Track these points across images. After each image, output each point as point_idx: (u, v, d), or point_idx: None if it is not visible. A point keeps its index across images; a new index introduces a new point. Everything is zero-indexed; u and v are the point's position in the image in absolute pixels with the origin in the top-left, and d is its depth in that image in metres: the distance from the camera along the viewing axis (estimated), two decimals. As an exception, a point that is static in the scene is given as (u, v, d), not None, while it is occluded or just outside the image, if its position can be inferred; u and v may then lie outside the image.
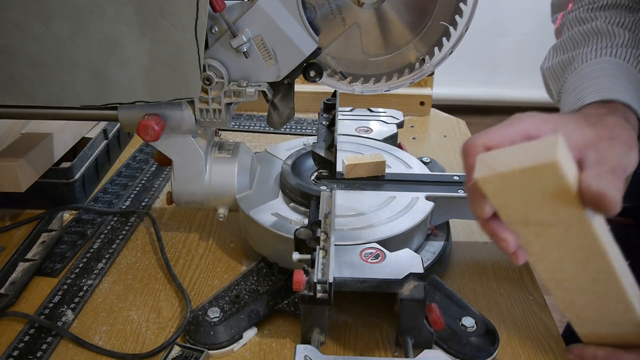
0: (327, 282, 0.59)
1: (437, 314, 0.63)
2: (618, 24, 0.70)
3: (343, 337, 0.70)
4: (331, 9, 0.70)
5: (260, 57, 0.71)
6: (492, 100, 3.31)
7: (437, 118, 1.30)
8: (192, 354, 0.66)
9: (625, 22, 0.70)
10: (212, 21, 0.68)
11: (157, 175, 1.05)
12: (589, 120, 0.52)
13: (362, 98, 0.93)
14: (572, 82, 0.66)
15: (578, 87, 0.63)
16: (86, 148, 0.97)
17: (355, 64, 0.75)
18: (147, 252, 0.85)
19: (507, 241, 0.50)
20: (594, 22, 0.71)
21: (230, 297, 0.72)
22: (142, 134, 0.71)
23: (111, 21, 0.65)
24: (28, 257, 0.82)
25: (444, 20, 0.71)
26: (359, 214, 0.75)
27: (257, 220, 0.75)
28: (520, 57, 3.23)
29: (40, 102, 0.71)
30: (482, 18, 1.23)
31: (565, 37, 0.74)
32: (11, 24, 0.66)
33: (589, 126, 0.51)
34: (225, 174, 0.79)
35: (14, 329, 0.71)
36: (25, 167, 0.83)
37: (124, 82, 0.69)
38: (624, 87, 0.60)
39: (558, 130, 0.49)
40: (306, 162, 0.86)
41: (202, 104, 0.73)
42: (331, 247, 0.64)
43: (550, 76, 0.74)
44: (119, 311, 0.74)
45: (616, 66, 0.65)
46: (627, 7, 0.72)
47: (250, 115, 1.28)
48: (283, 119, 0.77)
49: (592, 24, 0.71)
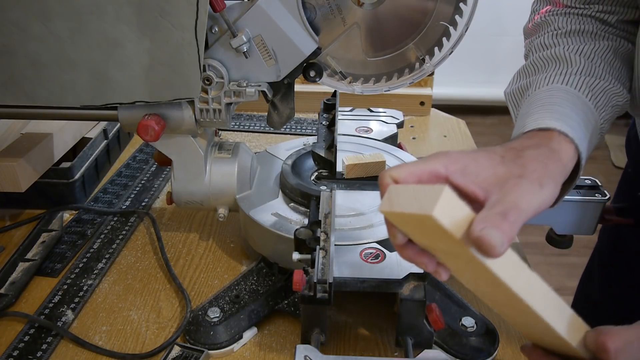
0: (327, 282, 0.59)
1: (437, 314, 0.63)
2: (577, 51, 0.68)
3: (343, 337, 0.70)
4: (331, 9, 0.70)
5: (260, 57, 0.71)
6: (492, 100, 3.31)
7: (437, 118, 1.30)
8: (192, 354, 0.66)
9: (585, 49, 0.68)
10: (212, 21, 0.68)
11: (157, 175, 1.05)
12: (506, 156, 0.52)
13: (362, 98, 0.93)
14: (523, 109, 0.65)
15: (524, 114, 0.62)
16: (86, 148, 0.97)
17: (355, 64, 0.75)
18: (147, 252, 0.85)
19: (425, 264, 0.51)
20: (555, 48, 0.70)
21: (230, 297, 0.72)
22: (142, 134, 0.71)
23: (111, 21, 0.65)
24: (28, 257, 0.82)
25: (444, 20, 0.71)
26: (359, 214, 0.75)
27: (257, 220, 0.75)
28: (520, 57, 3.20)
29: (40, 102, 0.71)
30: (482, 18, 1.24)
31: (528, 62, 0.73)
32: (11, 24, 0.66)
33: (502, 163, 0.51)
34: (225, 174, 0.79)
35: (14, 329, 0.71)
36: (25, 167, 0.83)
37: (124, 82, 0.69)
38: (566, 115, 0.59)
39: (466, 169, 0.50)
40: (306, 162, 0.86)
41: (202, 104, 0.73)
42: (331, 247, 0.64)
43: (510, 101, 0.73)
44: (119, 311, 0.74)
45: (565, 94, 0.63)
46: (592, 34, 0.71)
47: (250, 115, 1.28)
48: (283, 119, 0.77)
49: (552, 49, 0.70)
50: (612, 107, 0.65)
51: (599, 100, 0.64)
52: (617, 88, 0.65)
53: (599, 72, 0.66)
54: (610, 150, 3.02)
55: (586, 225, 0.80)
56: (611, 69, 0.67)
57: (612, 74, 0.66)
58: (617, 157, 2.95)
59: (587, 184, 0.81)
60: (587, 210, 0.79)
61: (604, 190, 0.79)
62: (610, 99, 0.65)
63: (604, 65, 0.67)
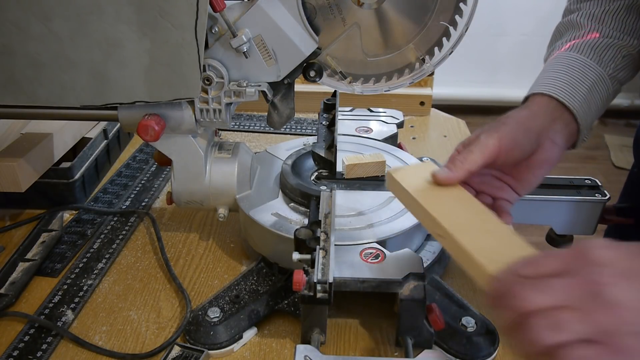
0: (327, 282, 0.59)
1: (437, 314, 0.63)
2: (589, 15, 0.74)
3: (343, 337, 0.70)
4: (331, 9, 0.70)
5: (260, 57, 0.71)
6: (492, 100, 3.31)
7: (437, 118, 1.30)
8: (192, 354, 0.66)
9: (597, 12, 0.73)
10: (212, 21, 0.68)
11: (157, 175, 1.05)
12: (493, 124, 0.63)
13: (362, 98, 0.93)
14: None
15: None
16: (86, 148, 0.97)
17: (355, 64, 0.75)
18: (147, 252, 0.85)
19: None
20: (572, 15, 0.75)
21: (230, 297, 0.72)
22: (142, 134, 0.71)
23: (111, 21, 0.65)
24: (28, 257, 0.82)
25: (444, 20, 0.71)
26: (359, 214, 0.75)
27: (257, 220, 0.75)
28: (520, 57, 3.23)
29: (40, 102, 0.71)
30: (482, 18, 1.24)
31: (556, 27, 0.79)
32: (11, 24, 0.66)
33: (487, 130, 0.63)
34: (225, 174, 0.79)
35: (14, 329, 0.71)
36: (25, 167, 0.83)
37: (124, 82, 0.69)
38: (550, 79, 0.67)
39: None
40: (306, 162, 0.86)
41: (202, 104, 0.73)
42: (331, 247, 0.64)
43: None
44: (119, 311, 0.74)
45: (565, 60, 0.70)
46: None
47: (250, 115, 1.28)
48: (283, 119, 0.77)
49: (571, 16, 0.75)
50: (623, 57, 0.71)
51: (604, 56, 0.70)
52: (624, 41, 0.71)
53: (607, 31, 0.72)
54: (610, 150, 3.02)
55: (586, 225, 0.80)
56: (623, 25, 0.72)
57: (622, 30, 0.72)
58: (617, 157, 2.95)
59: (587, 184, 0.81)
60: (587, 210, 0.79)
61: (604, 190, 0.80)
62: (619, 51, 0.70)
63: (614, 24, 0.72)
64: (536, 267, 0.44)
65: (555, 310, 0.41)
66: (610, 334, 0.39)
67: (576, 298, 0.40)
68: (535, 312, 0.41)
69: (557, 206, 0.78)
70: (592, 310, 0.39)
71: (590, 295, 0.40)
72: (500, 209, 0.65)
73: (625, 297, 0.39)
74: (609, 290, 0.39)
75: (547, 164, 0.64)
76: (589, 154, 3.03)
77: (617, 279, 0.40)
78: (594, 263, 0.41)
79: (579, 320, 0.40)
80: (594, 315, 0.39)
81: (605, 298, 0.39)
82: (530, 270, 0.44)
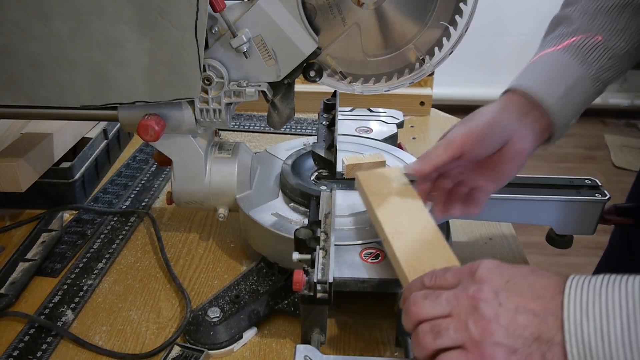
0: (327, 282, 0.59)
1: (437, 314, 0.63)
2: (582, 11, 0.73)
3: (343, 337, 0.70)
4: (331, 9, 0.70)
5: (260, 57, 0.71)
6: (492, 100, 3.25)
7: (437, 118, 1.30)
8: (192, 354, 0.66)
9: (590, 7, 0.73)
10: (212, 21, 0.68)
11: (157, 175, 1.05)
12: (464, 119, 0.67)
13: (362, 98, 0.93)
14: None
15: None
16: (86, 148, 0.97)
17: (355, 64, 0.75)
18: (147, 252, 0.85)
19: None
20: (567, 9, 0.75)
21: (230, 297, 0.72)
22: (142, 134, 0.71)
23: (111, 21, 0.65)
24: (28, 257, 0.82)
25: (444, 20, 0.71)
26: (359, 214, 0.75)
27: (257, 220, 0.75)
28: (520, 57, 3.20)
29: (40, 102, 0.71)
30: (482, 18, 1.23)
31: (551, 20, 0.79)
32: (11, 24, 0.66)
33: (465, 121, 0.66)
34: (225, 174, 0.79)
35: (14, 329, 0.71)
36: (25, 167, 0.83)
37: (124, 82, 0.69)
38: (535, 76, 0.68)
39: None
40: (306, 162, 0.86)
41: (202, 104, 0.73)
42: (331, 247, 0.64)
43: None
44: (119, 311, 0.74)
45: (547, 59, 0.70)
46: None
47: (250, 115, 1.28)
48: (283, 119, 0.77)
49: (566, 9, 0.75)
50: (609, 59, 0.71)
51: (589, 56, 0.70)
52: (611, 42, 0.71)
53: (596, 30, 0.71)
54: (610, 150, 3.02)
55: (586, 225, 0.80)
56: (615, 23, 0.72)
57: (612, 29, 0.72)
58: (617, 157, 2.95)
59: (587, 184, 0.81)
60: (587, 210, 0.79)
61: (604, 190, 0.79)
62: (605, 52, 0.71)
63: (606, 22, 0.72)
64: (436, 279, 0.50)
65: (440, 319, 0.47)
66: (477, 343, 0.44)
67: (459, 309, 0.46)
68: (425, 319, 0.48)
69: (557, 206, 0.78)
70: (468, 321, 0.45)
71: (470, 308, 0.46)
72: (473, 199, 0.68)
73: (494, 312, 0.45)
74: (482, 305, 0.45)
75: (519, 157, 0.65)
76: (589, 154, 3.03)
77: (490, 296, 0.46)
78: (477, 280, 0.47)
79: (456, 329, 0.46)
80: (469, 325, 0.45)
81: (480, 312, 0.45)
82: (432, 281, 0.51)
